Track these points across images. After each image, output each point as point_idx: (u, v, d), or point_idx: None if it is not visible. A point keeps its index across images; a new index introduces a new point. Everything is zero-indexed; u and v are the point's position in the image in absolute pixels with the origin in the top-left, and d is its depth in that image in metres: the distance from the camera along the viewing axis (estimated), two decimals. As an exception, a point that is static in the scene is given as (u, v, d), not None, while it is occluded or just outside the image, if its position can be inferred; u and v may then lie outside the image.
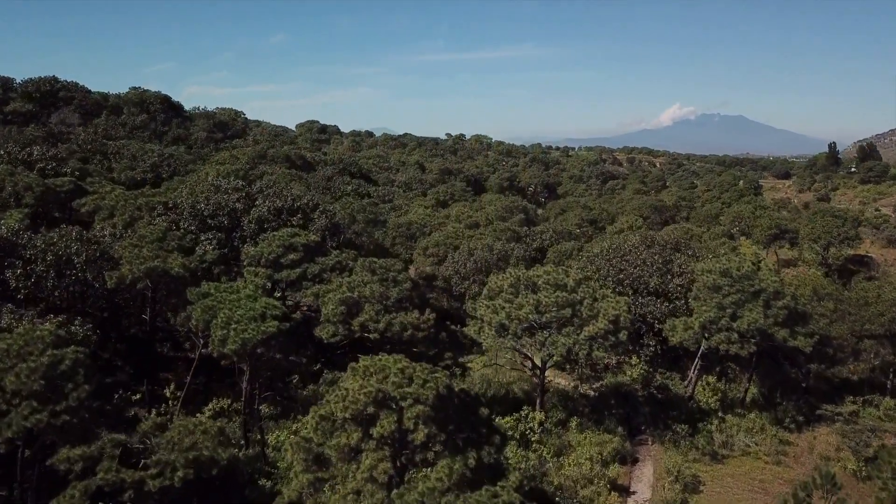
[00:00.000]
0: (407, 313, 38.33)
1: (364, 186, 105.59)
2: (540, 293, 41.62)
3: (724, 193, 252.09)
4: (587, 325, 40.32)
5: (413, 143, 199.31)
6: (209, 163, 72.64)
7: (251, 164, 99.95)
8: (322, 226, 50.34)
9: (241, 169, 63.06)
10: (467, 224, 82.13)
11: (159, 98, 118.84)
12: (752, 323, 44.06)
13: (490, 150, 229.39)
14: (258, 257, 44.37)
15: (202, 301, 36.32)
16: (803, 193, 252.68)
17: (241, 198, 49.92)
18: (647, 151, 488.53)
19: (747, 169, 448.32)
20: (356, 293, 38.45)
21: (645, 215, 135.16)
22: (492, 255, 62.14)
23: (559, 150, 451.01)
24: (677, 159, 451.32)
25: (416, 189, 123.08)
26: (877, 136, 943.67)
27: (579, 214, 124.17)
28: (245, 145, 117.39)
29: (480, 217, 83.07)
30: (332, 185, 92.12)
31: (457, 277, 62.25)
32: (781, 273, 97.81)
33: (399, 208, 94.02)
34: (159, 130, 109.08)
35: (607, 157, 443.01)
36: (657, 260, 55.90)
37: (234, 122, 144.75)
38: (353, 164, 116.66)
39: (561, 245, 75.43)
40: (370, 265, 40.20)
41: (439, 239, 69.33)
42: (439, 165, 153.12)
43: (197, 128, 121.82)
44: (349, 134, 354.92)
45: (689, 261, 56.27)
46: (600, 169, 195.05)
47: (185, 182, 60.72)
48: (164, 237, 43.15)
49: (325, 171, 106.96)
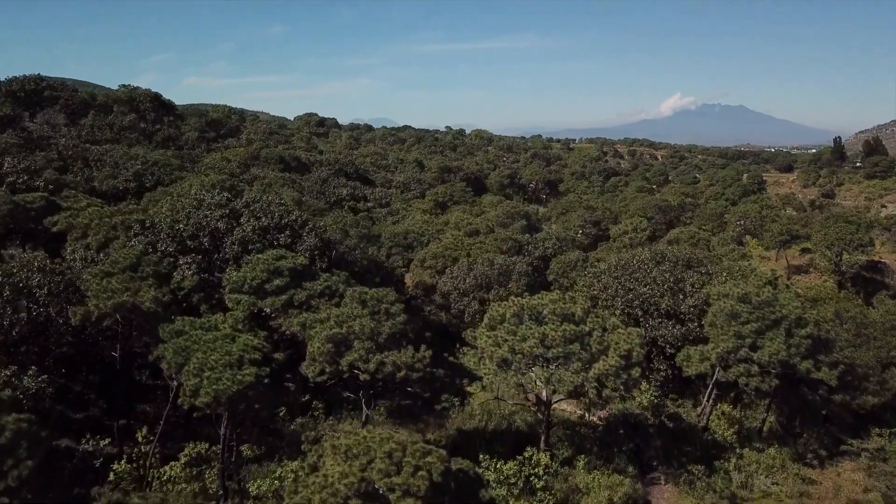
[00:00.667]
0: (401, 351, 35.05)
1: (360, 189, 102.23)
2: (545, 325, 38.42)
3: (727, 188, 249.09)
4: (597, 361, 37.15)
5: (412, 140, 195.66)
6: (196, 172, 69.14)
7: (243, 167, 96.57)
8: (311, 245, 46.98)
9: (228, 180, 59.50)
10: (467, 231, 78.90)
11: (149, 96, 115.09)
12: (773, 355, 40.84)
13: (490, 146, 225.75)
14: (241, 283, 41.10)
15: (175, 341, 33.06)
16: (808, 189, 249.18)
17: (225, 215, 46.52)
18: (649, 144, 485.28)
19: (749, 162, 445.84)
20: (344, 328, 35.18)
21: (649, 215, 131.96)
22: (492, 269, 58.84)
23: (560, 143, 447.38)
24: (679, 152, 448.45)
25: (414, 189, 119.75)
26: (879, 126, 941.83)
27: (582, 216, 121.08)
28: (238, 145, 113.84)
29: (480, 224, 79.72)
30: (327, 189, 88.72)
31: (456, 293, 59.01)
32: (793, 279, 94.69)
33: (396, 213, 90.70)
34: (149, 131, 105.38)
35: (609, 149, 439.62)
36: (668, 278, 52.60)
37: (227, 119, 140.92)
38: (349, 165, 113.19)
39: (565, 255, 72.14)
40: (360, 296, 36.90)
41: (437, 251, 66.05)
42: (438, 163, 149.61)
43: (188, 127, 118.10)
44: (348, 127, 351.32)
45: (702, 279, 52.97)
46: (602, 165, 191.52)
47: (168, 193, 57.31)
48: (139, 262, 39.85)
49: (320, 172, 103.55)
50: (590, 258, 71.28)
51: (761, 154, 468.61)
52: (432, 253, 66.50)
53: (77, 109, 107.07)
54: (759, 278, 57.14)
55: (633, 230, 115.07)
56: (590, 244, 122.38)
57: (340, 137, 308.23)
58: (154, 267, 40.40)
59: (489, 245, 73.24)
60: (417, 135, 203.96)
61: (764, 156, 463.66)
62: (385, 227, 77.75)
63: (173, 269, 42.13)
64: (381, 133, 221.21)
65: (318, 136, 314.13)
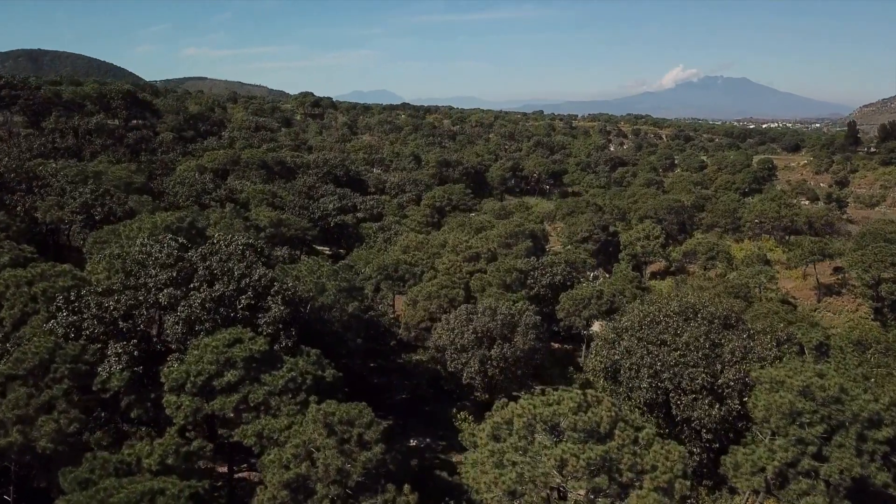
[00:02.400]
0: (378, 496, 26.99)
1: (349, 197, 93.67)
2: (564, 443, 30.39)
3: (736, 174, 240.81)
4: (628, 497, 29.18)
5: (408, 129, 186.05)
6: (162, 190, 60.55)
7: (221, 176, 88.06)
8: (276, 316, 38.71)
9: (188, 216, 50.92)
10: (466, 256, 70.58)
11: (121, 92, 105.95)
12: (845, 470, 32.88)
13: (492, 133, 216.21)
14: (182, 381, 32.97)
15: (77, 495, 25.09)
16: (820, 175, 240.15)
17: (172, 280, 38.20)
18: (653, 122, 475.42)
19: (756, 142, 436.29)
20: (303, 467, 27.08)
21: (661, 217, 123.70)
22: (495, 321, 50.63)
23: (562, 122, 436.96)
24: (684, 131, 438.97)
25: (409, 191, 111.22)
26: (884, 100, 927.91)
27: (590, 219, 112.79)
28: (219, 146, 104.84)
29: (481, 247, 71.37)
30: (311, 204, 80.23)
31: (452, 349, 50.89)
32: (824, 302, 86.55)
33: (388, 228, 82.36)
34: (119, 133, 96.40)
35: (612, 129, 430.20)
36: (703, 343, 44.37)
37: (209, 113, 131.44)
38: (338, 167, 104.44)
39: (576, 290, 63.92)
40: (325, 418, 28.70)
41: (431, 289, 57.85)
42: (436, 157, 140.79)
43: (165, 126, 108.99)
44: (344, 107, 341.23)
45: (744, 343, 44.72)
46: (608, 154, 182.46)
47: (116, 234, 49.06)
48: (53, 357, 31.75)
49: (307, 178, 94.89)
50: (604, 295, 62.99)
51: (768, 132, 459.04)
52: (426, 292, 58.32)
53: (40, 109, 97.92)
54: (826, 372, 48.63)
55: (644, 237, 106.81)
56: (599, 250, 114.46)
57: (336, 119, 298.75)
58: (72, 364, 32.26)
59: (491, 277, 65.08)
60: (415, 123, 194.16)
61: (771, 134, 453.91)
62: (373, 254, 69.56)
63: (100, 361, 33.95)
64: (378, 120, 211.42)
65: (313, 118, 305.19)
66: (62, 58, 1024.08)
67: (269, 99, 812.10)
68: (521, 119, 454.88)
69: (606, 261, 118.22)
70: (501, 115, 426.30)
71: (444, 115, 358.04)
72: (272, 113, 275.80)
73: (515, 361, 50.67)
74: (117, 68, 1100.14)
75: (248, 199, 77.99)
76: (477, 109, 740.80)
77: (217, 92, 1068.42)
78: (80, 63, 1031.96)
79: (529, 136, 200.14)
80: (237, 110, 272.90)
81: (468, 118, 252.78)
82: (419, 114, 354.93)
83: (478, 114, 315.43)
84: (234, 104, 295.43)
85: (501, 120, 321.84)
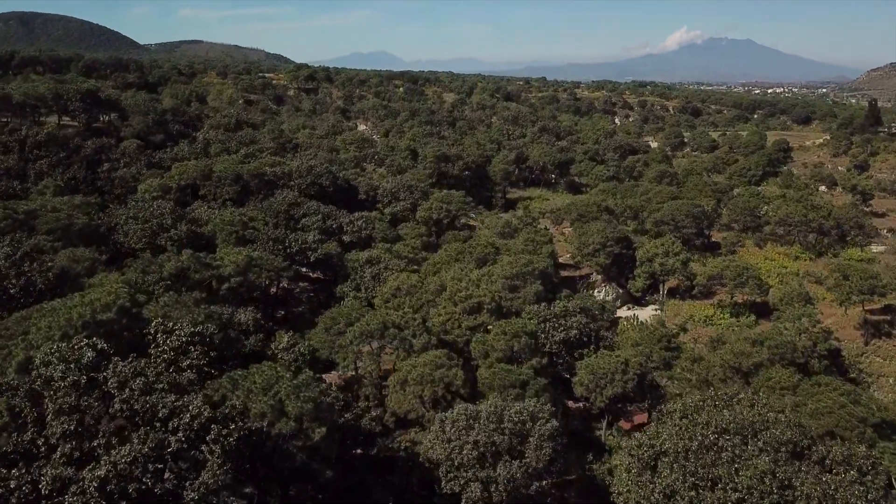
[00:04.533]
0: None
1: (335, 216, 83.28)
2: None
3: (750, 156, 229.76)
4: None
5: (405, 115, 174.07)
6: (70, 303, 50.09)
7: (188, 194, 77.49)
8: (208, 482, 28.76)
9: (112, 311, 40.45)
10: (466, 307, 60.45)
11: (81, 92, 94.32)
12: None
13: (495, 116, 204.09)
14: None
15: None
16: (838, 158, 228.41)
17: (68, 433, 28.22)
18: (659, 93, 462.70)
19: (765, 113, 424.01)
20: None
21: (678, 222, 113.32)
22: (501, 432, 40.71)
23: (566, 92, 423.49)
24: (691, 103, 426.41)
25: (404, 199, 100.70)
26: (891, 65, 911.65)
27: (602, 230, 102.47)
28: (191, 152, 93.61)
29: (484, 294, 61.20)
30: (288, 236, 69.87)
31: (449, 465, 41.05)
32: (872, 345, 76.56)
33: (377, 261, 72.22)
34: (75, 145, 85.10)
35: (617, 100, 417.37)
36: (769, 486, 34.48)
37: (185, 107, 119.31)
38: (324, 175, 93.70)
39: (598, 358, 53.92)
40: None
41: (423, 372, 47.96)
42: (434, 151, 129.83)
43: (131, 130, 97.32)
44: (340, 78, 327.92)
45: (824, 486, 34.82)
46: (617, 141, 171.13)
47: (28, 330, 39.13)
48: None
49: (287, 194, 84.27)
50: (630, 368, 52.94)
51: (777, 104, 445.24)
52: (417, 374, 48.33)
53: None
54: None
55: (663, 254, 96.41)
56: (612, 262, 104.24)
57: (331, 95, 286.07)
58: None
59: (495, 341, 55.03)
60: (412, 108, 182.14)
61: (781, 105, 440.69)
62: (355, 308, 59.62)
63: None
64: (372, 104, 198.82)
65: (307, 93, 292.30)
66: (54, 21, 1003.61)
67: (266, 64, 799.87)
68: (523, 88, 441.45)
69: (619, 273, 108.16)
70: (503, 85, 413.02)
71: (444, 89, 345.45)
72: (263, 90, 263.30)
73: (527, 482, 40.88)
74: (111, 31, 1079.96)
75: (214, 233, 67.58)
76: (479, 76, 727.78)
77: (213, 56, 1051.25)
78: (72, 26, 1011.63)
79: (534, 120, 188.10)
80: (227, 87, 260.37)
81: (469, 100, 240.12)
82: (417, 87, 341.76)
83: (479, 94, 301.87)
84: (223, 79, 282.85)
85: (503, 99, 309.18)
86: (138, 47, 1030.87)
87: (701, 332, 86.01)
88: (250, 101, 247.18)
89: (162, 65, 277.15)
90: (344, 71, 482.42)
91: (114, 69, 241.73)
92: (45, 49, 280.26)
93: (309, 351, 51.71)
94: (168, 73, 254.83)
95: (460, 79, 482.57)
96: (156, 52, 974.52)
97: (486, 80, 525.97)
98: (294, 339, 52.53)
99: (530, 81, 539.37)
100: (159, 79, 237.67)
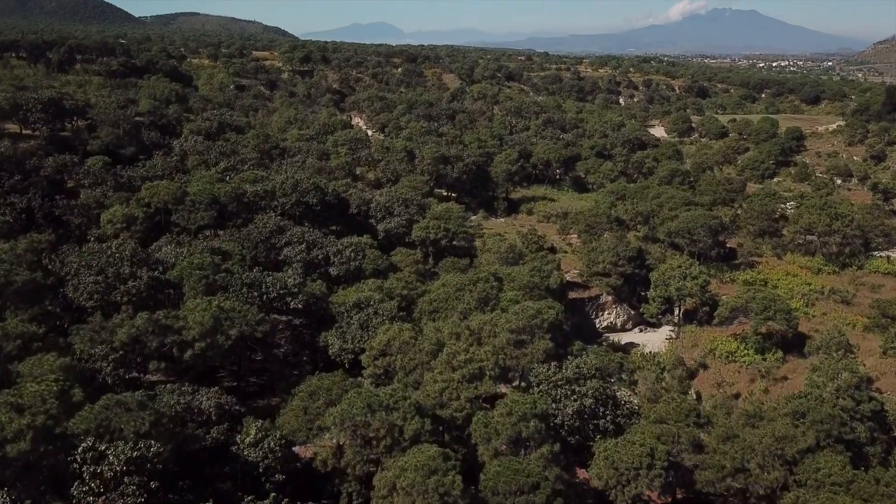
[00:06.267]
0: None
1: (321, 244, 75.40)
2: None
3: (761, 143, 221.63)
4: None
5: (402, 107, 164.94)
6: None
7: (164, 211, 69.58)
8: None
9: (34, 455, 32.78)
10: (465, 375, 52.90)
11: (42, 102, 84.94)
12: None
13: (497, 106, 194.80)
14: None
15: None
16: (853, 147, 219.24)
17: None
18: (665, 72, 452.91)
19: (773, 92, 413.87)
20: None
21: (694, 234, 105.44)
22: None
23: (569, 70, 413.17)
24: (697, 82, 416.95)
25: (399, 215, 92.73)
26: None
27: (613, 248, 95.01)
28: (165, 167, 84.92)
29: (486, 359, 53.66)
30: (264, 282, 62.10)
31: None
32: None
33: (365, 305, 64.67)
34: (34, 163, 76.00)
35: (622, 79, 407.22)
36: None
37: (163, 109, 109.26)
38: (311, 192, 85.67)
39: (620, 448, 46.38)
40: None
41: (415, 479, 40.56)
42: (432, 152, 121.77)
43: (98, 142, 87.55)
44: (335, 60, 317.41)
45: None
46: (626, 135, 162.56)
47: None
48: None
49: (267, 220, 76.25)
50: (657, 454, 45.45)
51: (785, 83, 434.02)
52: (407, 481, 40.88)
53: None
54: None
55: (680, 276, 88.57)
56: (623, 284, 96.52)
57: (326, 79, 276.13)
58: None
59: (500, 424, 47.54)
60: (409, 100, 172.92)
61: (789, 85, 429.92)
62: (336, 381, 52.29)
63: None
64: (367, 96, 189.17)
65: (301, 76, 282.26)
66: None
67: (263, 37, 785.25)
68: (525, 66, 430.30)
69: (631, 293, 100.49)
70: (504, 64, 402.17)
71: (444, 70, 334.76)
72: (256, 74, 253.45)
73: None
74: (105, 3, 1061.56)
75: (181, 278, 59.72)
76: (480, 50, 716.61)
77: (210, 28, 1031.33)
78: (66, 0, 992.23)
79: (538, 112, 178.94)
80: (218, 71, 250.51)
81: (470, 89, 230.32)
82: (416, 67, 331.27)
83: (480, 71, 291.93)
84: (214, 62, 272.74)
85: (505, 79, 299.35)
86: (133, 20, 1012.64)
87: (724, 372, 78.65)
88: (242, 85, 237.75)
89: (150, 48, 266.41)
90: (341, 48, 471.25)
91: (99, 53, 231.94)
92: (27, 31, 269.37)
93: (281, 445, 44.25)
94: (157, 56, 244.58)
95: (461, 55, 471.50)
96: (151, 25, 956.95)
97: (488, 55, 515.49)
98: (264, 427, 44.98)
99: (532, 58, 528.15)
100: (147, 63, 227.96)
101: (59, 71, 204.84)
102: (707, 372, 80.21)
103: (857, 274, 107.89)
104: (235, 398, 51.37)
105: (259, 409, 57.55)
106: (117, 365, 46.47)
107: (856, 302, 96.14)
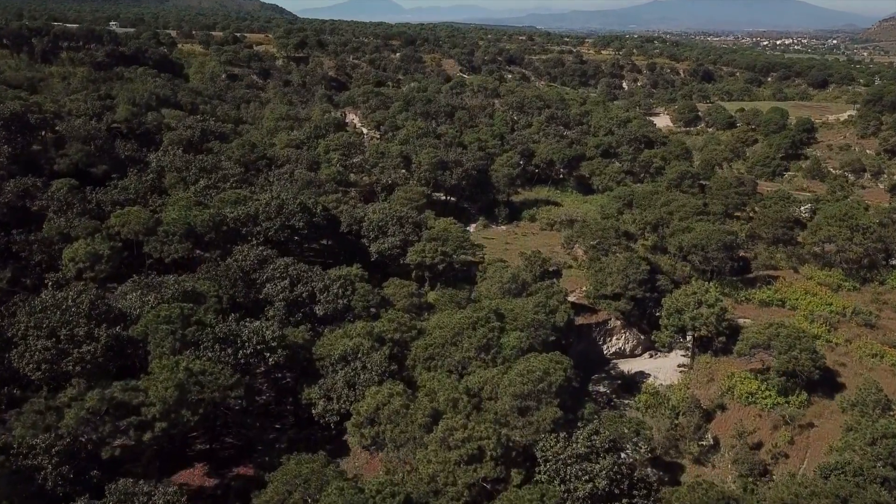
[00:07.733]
0: None
1: (306, 279, 68.87)
2: None
3: (771, 135, 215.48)
4: None
5: (399, 105, 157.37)
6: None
7: (135, 243, 63.33)
8: None
9: None
10: (462, 455, 46.79)
11: (4, 117, 78.05)
12: None
13: (498, 100, 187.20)
14: None
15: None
16: (866, 140, 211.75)
17: None
18: (669, 54, 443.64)
19: (779, 76, 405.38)
20: None
21: (708, 252, 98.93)
22: None
23: (571, 50, 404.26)
24: (703, 65, 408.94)
25: (393, 235, 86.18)
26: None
27: (623, 269, 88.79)
28: (140, 186, 78.24)
29: (487, 436, 47.50)
30: (241, 332, 55.89)
31: None
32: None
33: (353, 355, 58.60)
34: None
35: (625, 62, 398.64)
36: None
37: (142, 118, 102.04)
38: (298, 214, 79.17)
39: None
40: None
41: None
42: (430, 157, 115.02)
43: (65, 161, 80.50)
44: (332, 46, 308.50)
45: None
46: (633, 132, 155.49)
47: None
48: None
49: (247, 253, 69.78)
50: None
51: (792, 66, 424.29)
52: None
53: None
54: None
55: (696, 305, 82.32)
56: (634, 307, 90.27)
57: (322, 66, 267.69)
58: None
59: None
60: (407, 96, 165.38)
61: (796, 68, 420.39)
62: (317, 465, 46.18)
63: None
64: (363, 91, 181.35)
65: (297, 63, 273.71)
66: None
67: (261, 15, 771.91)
68: (526, 47, 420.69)
69: (641, 316, 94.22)
70: (505, 46, 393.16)
71: (443, 55, 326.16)
72: (249, 62, 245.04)
73: None
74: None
75: (145, 335, 53.39)
76: (480, 28, 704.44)
77: (206, 6, 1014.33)
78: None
79: (541, 107, 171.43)
80: (209, 60, 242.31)
81: (469, 81, 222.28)
82: (415, 51, 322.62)
83: (481, 54, 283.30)
84: (206, 49, 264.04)
85: (506, 63, 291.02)
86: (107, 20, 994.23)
87: (744, 416, 72.64)
88: (234, 75, 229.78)
89: (140, 34, 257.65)
90: (339, 27, 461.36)
91: (86, 40, 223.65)
92: (12, 13, 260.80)
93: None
94: (145, 44, 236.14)
95: (461, 35, 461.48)
96: (147, 2, 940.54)
97: (488, 34, 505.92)
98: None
99: (534, 38, 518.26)
100: (135, 51, 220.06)
101: (42, 61, 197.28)
102: (725, 414, 74.26)
103: (880, 290, 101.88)
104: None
105: (236, 486, 51.84)
106: (61, 461, 40.29)
107: (880, 325, 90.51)
